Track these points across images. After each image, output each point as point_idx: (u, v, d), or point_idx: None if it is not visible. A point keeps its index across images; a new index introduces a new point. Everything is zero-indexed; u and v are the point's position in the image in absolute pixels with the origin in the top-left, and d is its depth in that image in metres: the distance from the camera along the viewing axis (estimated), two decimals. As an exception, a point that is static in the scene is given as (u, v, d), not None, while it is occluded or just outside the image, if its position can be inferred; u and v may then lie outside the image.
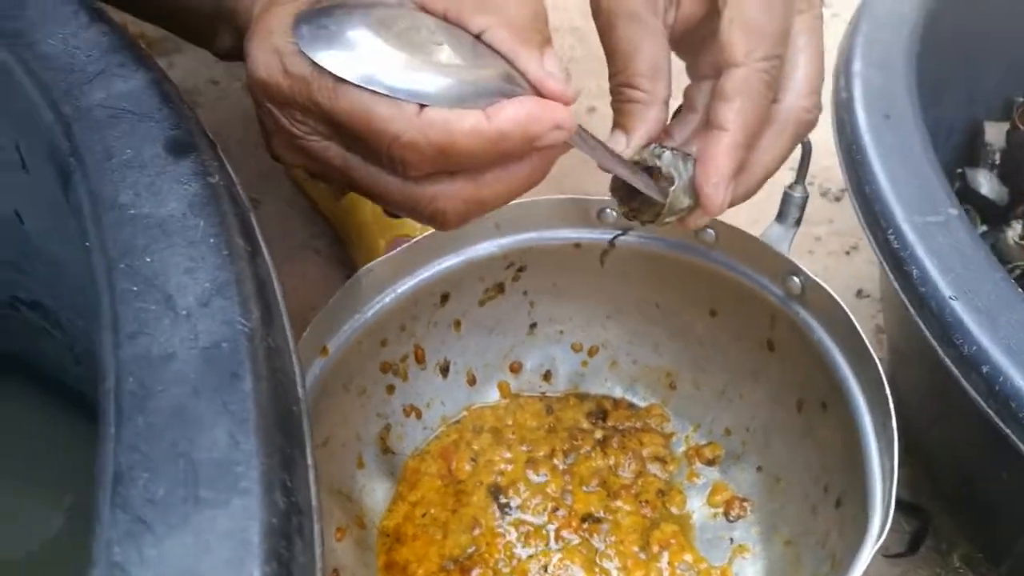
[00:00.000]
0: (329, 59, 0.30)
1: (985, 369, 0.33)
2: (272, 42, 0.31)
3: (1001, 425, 0.32)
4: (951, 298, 0.35)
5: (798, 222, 0.47)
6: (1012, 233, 0.63)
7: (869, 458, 0.40)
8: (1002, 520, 0.42)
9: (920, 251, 0.37)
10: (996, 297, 0.35)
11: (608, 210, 0.51)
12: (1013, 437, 0.32)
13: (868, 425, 0.41)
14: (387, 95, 0.29)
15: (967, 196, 0.65)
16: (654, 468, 0.54)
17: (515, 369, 0.58)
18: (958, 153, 0.67)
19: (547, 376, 0.58)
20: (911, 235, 0.37)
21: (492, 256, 0.53)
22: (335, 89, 0.30)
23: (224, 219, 0.27)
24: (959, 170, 0.66)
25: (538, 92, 0.31)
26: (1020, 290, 0.35)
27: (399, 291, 0.51)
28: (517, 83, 0.31)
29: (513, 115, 0.30)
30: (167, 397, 0.22)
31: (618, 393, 0.58)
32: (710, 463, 0.54)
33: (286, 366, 0.25)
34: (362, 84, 0.29)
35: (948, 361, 0.35)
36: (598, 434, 0.56)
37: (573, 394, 0.58)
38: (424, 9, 0.32)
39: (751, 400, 0.53)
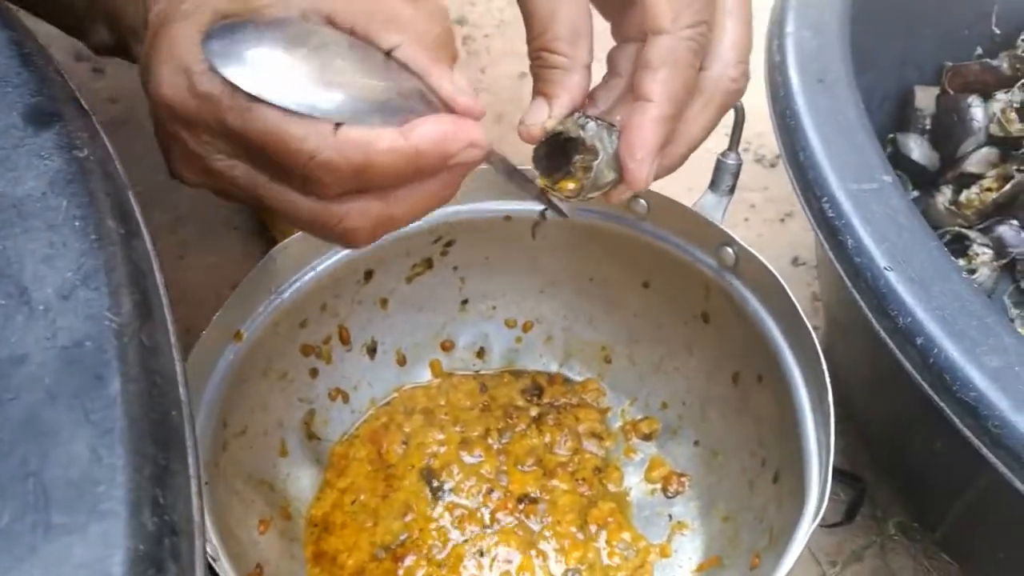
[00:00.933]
0: (242, 76, 0.29)
1: (919, 341, 0.32)
2: (177, 60, 0.30)
3: (935, 397, 0.32)
4: (886, 268, 0.34)
5: (732, 190, 0.45)
6: (942, 198, 0.62)
7: (805, 432, 0.39)
8: (936, 488, 0.42)
9: (855, 220, 0.35)
10: (930, 266, 0.34)
11: (538, 181, 0.49)
12: (947, 409, 0.31)
13: (804, 398, 0.40)
14: (301, 113, 0.29)
15: (898, 162, 0.64)
16: (590, 445, 0.53)
17: (447, 347, 0.56)
18: (890, 118, 0.66)
19: (481, 353, 0.56)
20: (846, 203, 0.36)
21: (418, 230, 0.50)
22: (247, 108, 0.29)
23: (93, 198, 0.24)
24: (891, 136, 0.65)
25: (448, 108, 0.31)
26: (954, 259, 0.34)
27: (318, 269, 0.48)
28: (427, 99, 0.31)
29: (429, 133, 0.30)
30: (16, 406, 0.19)
31: (554, 368, 0.56)
32: (647, 438, 0.53)
33: (164, 365, 0.22)
34: (275, 102, 0.29)
35: (883, 332, 0.34)
36: (533, 411, 0.54)
37: (508, 371, 0.56)
38: (332, 25, 0.31)
39: (687, 373, 0.52)
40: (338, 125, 0.29)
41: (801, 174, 0.38)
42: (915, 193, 0.64)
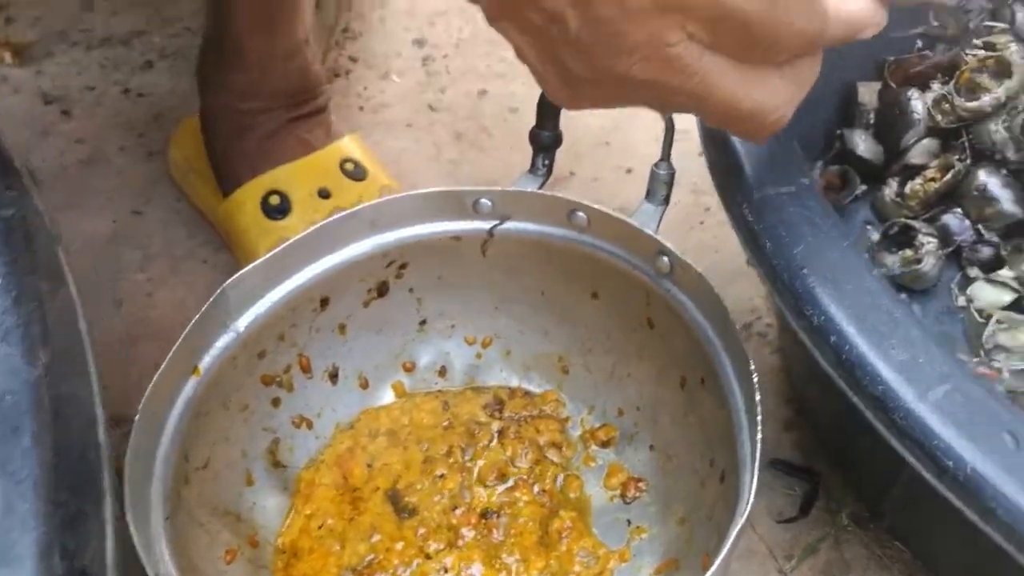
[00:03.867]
0: None
1: (832, 339, 0.33)
2: None
3: (849, 392, 0.33)
4: (801, 269, 0.35)
5: (666, 199, 0.47)
6: (889, 191, 0.64)
7: (741, 432, 0.40)
8: (877, 477, 0.43)
9: (772, 223, 0.37)
10: (843, 266, 0.35)
11: (483, 200, 0.50)
12: (859, 404, 0.32)
13: (739, 400, 0.41)
14: None
15: (846, 157, 0.66)
16: (551, 455, 0.54)
17: (408, 368, 0.57)
18: (837, 114, 0.67)
19: (442, 372, 0.58)
20: (764, 207, 0.37)
21: (371, 255, 0.51)
22: None
23: (15, 258, 0.26)
24: (838, 131, 0.67)
25: None
26: (866, 255, 0.36)
27: (273, 300, 0.49)
28: None
29: (860, 11, 0.35)
30: (-67, 463, 0.21)
31: (514, 382, 0.58)
32: (605, 445, 0.54)
33: (82, 411, 0.23)
34: None
35: (801, 332, 0.35)
36: (495, 426, 0.55)
37: (470, 388, 0.58)
38: None
39: (638, 379, 0.53)
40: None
41: (722, 179, 0.40)
42: (864, 187, 0.66)
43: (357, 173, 0.63)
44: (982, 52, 0.63)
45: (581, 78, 0.32)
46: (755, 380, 0.38)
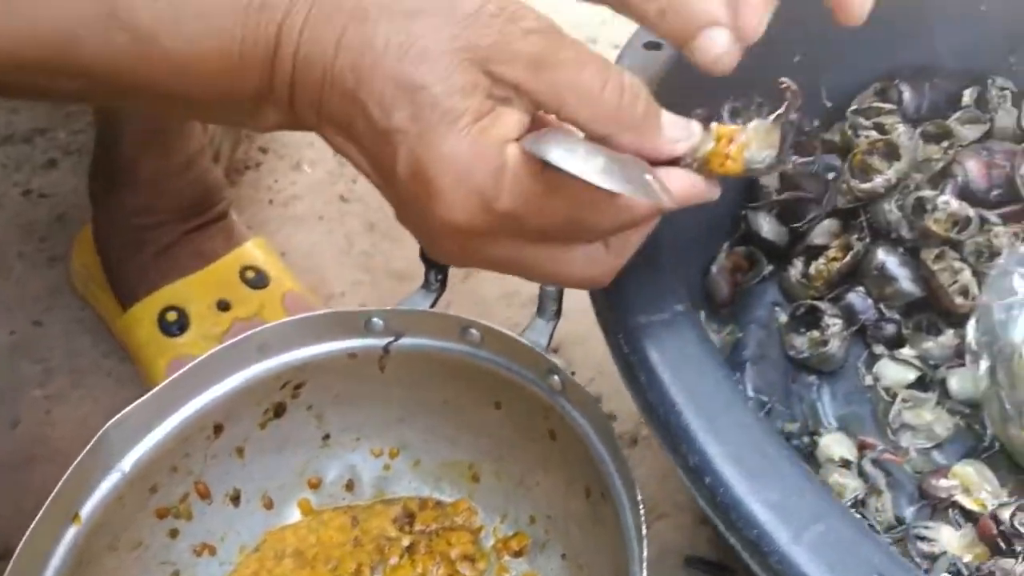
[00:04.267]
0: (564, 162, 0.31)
1: (708, 480, 0.33)
2: (472, 184, 0.32)
3: (727, 536, 0.32)
4: (674, 405, 0.35)
5: (557, 313, 0.46)
6: (794, 271, 0.64)
7: (632, 551, 0.39)
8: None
9: (646, 354, 0.36)
10: (718, 398, 0.35)
11: (374, 320, 0.49)
12: (738, 547, 0.32)
13: (630, 517, 0.40)
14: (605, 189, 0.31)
15: (751, 238, 0.66)
16: (464, 568, 0.53)
17: (314, 484, 0.56)
18: (741, 195, 0.68)
19: (350, 486, 0.56)
20: (638, 336, 0.37)
21: (263, 379, 0.50)
22: (545, 196, 0.32)
23: None
24: (743, 212, 0.68)
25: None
26: (741, 387, 0.35)
27: (162, 435, 0.48)
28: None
29: (683, 193, 0.36)
30: None
31: (425, 492, 0.56)
32: (518, 554, 0.53)
33: None
34: (595, 182, 0.31)
35: (680, 470, 0.34)
36: (406, 541, 0.54)
37: (380, 500, 0.56)
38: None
39: (547, 487, 0.52)
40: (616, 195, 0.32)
41: (599, 305, 0.39)
42: (771, 267, 0.66)
43: (258, 281, 0.62)
44: (873, 133, 0.64)
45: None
46: (639, 500, 0.38)
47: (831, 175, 0.63)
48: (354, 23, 0.32)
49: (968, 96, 0.66)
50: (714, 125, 0.36)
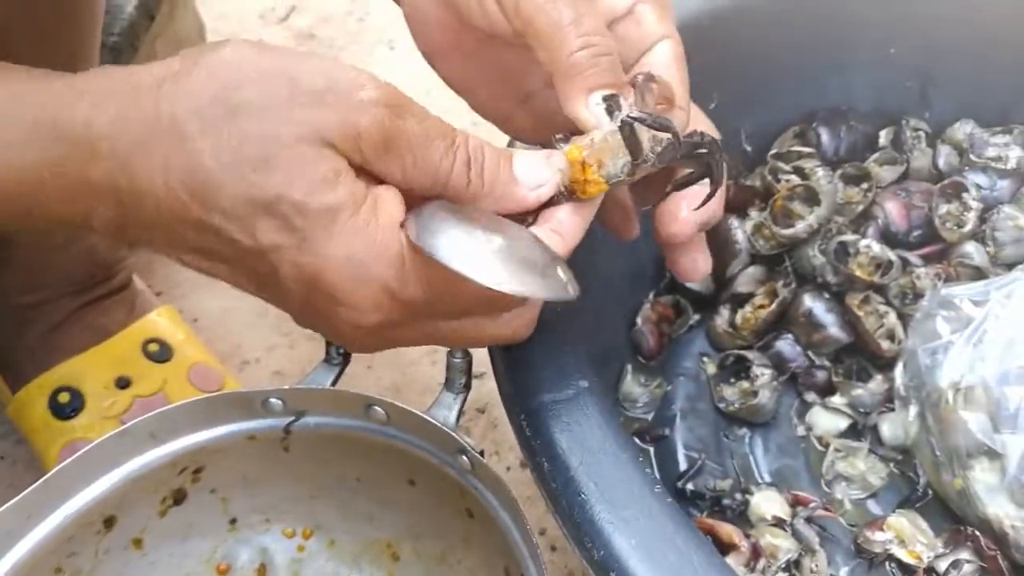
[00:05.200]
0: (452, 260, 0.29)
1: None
2: (375, 281, 0.31)
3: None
4: (578, 495, 0.32)
5: (467, 386, 0.44)
6: (721, 320, 0.63)
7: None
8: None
9: (548, 437, 0.34)
10: (624, 486, 0.32)
11: (272, 400, 0.46)
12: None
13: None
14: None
15: (676, 287, 0.65)
16: (385, 655, 0.49)
17: (224, 570, 0.52)
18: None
19: (262, 570, 0.53)
20: (541, 417, 0.35)
21: (156, 467, 0.47)
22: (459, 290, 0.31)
23: None
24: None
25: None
26: (648, 470, 0.33)
27: (40, 536, 0.44)
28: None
29: (575, 232, 0.35)
30: None
31: (343, 573, 0.53)
32: (441, 640, 0.50)
33: None
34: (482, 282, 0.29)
35: (587, 566, 0.32)
36: (322, 628, 0.51)
37: (295, 584, 0.53)
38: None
39: (468, 565, 0.49)
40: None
41: (501, 382, 0.37)
42: (697, 317, 0.65)
43: (162, 354, 0.58)
44: (793, 177, 0.64)
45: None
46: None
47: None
48: (173, 144, 0.29)
49: (884, 137, 0.66)
50: (567, 151, 0.35)
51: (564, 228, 0.33)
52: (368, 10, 0.96)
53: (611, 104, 0.34)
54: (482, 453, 0.40)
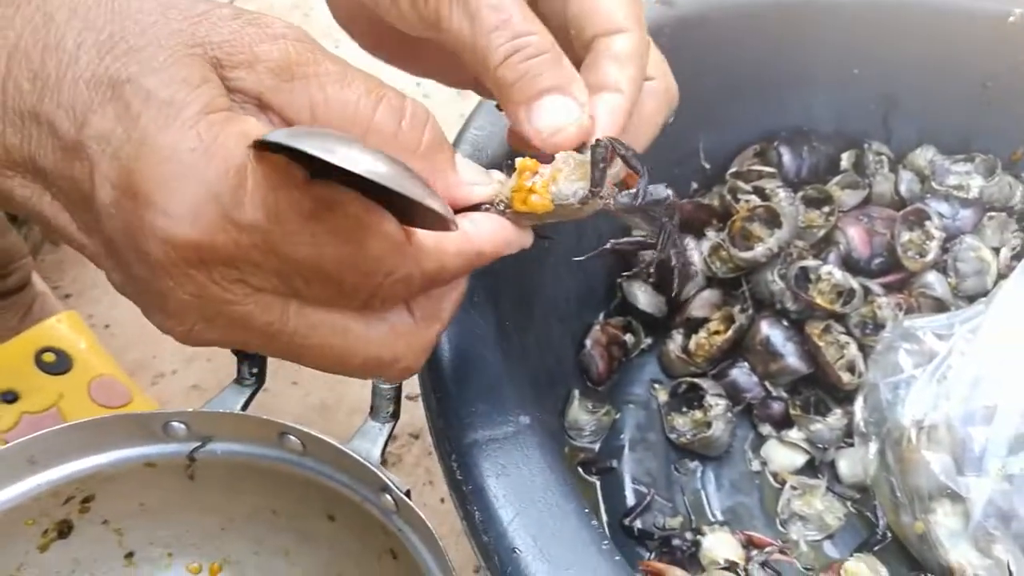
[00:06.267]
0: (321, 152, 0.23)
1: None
2: (201, 183, 0.24)
3: None
4: (512, 551, 0.28)
5: (394, 415, 0.39)
6: (673, 345, 0.59)
7: None
8: None
9: (481, 483, 0.30)
10: (565, 539, 0.28)
11: (174, 424, 0.41)
12: None
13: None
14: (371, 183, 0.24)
15: (627, 309, 0.61)
16: None
17: (116, 611, 0.46)
18: (617, 261, 0.63)
19: (161, 610, 0.47)
20: (474, 458, 0.30)
21: (35, 496, 0.41)
22: (312, 217, 0.24)
23: None
24: (618, 280, 0.62)
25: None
26: (595, 523, 0.29)
27: None
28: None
29: (492, 234, 0.29)
30: None
31: (254, 614, 0.48)
32: None
33: None
34: (351, 168, 0.23)
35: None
36: None
37: (198, 626, 0.47)
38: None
39: (394, 611, 0.44)
40: (409, 234, 0.26)
41: (431, 415, 0.32)
42: (649, 340, 0.61)
43: (58, 366, 0.52)
44: (753, 198, 0.60)
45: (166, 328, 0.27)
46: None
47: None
48: (32, 26, 0.25)
49: (846, 160, 0.64)
50: (518, 160, 0.30)
51: (478, 222, 0.29)
52: (313, 5, 0.91)
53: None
54: (408, 493, 0.35)
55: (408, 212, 0.26)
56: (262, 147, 0.24)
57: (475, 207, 0.30)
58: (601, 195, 0.30)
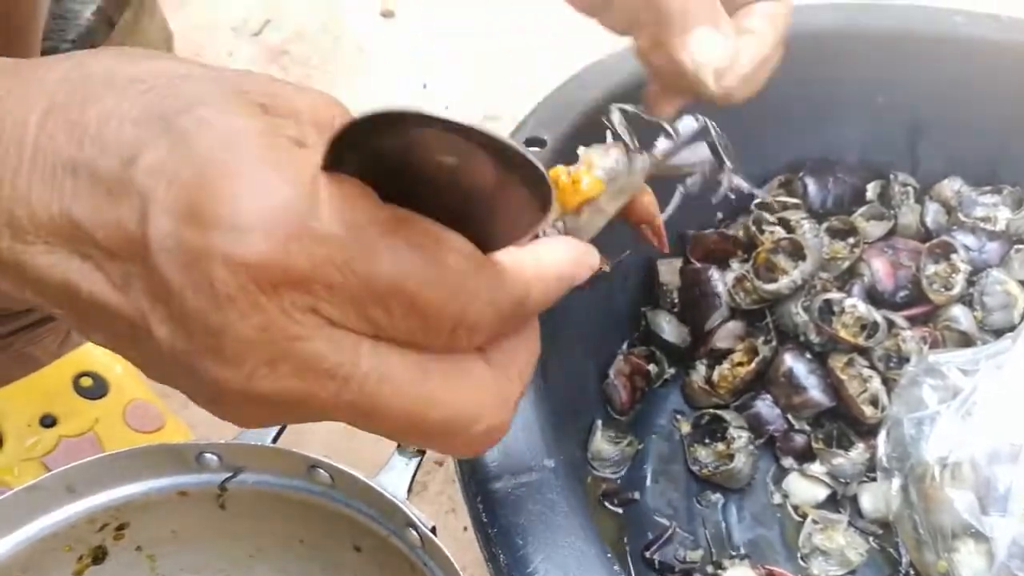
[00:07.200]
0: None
1: None
2: (281, 202, 0.22)
3: None
4: (538, 598, 0.29)
5: (421, 451, 0.40)
6: (697, 376, 0.60)
7: None
8: None
9: (506, 527, 0.30)
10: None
11: (207, 455, 0.42)
12: None
13: None
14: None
15: (651, 339, 0.62)
16: None
17: (149, 635, 0.47)
18: (642, 292, 0.64)
19: (192, 634, 0.48)
20: (500, 503, 0.31)
21: (72, 523, 0.42)
22: (390, 231, 0.22)
23: None
24: (643, 310, 0.63)
25: None
26: (616, 567, 0.30)
27: (-68, 602, 0.39)
28: None
29: (563, 254, 0.27)
30: None
31: (280, 639, 0.48)
32: None
33: None
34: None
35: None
36: None
37: (227, 650, 0.48)
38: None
39: (416, 642, 0.45)
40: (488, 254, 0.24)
41: (459, 462, 0.33)
42: (672, 371, 0.62)
43: (95, 390, 0.54)
44: (778, 229, 0.61)
45: (202, 397, 0.23)
46: None
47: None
48: (69, 84, 0.24)
49: (872, 191, 0.64)
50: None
51: (543, 244, 0.27)
52: (343, 28, 0.92)
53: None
54: (434, 530, 0.36)
55: (481, 236, 0.24)
56: (332, 166, 0.23)
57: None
58: (646, 153, 0.32)
